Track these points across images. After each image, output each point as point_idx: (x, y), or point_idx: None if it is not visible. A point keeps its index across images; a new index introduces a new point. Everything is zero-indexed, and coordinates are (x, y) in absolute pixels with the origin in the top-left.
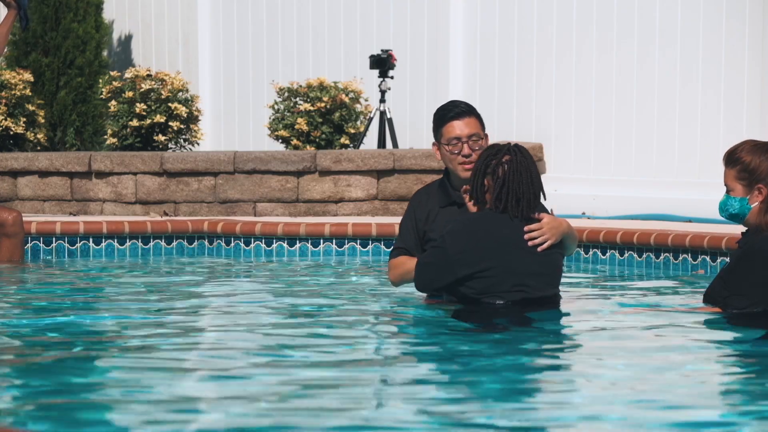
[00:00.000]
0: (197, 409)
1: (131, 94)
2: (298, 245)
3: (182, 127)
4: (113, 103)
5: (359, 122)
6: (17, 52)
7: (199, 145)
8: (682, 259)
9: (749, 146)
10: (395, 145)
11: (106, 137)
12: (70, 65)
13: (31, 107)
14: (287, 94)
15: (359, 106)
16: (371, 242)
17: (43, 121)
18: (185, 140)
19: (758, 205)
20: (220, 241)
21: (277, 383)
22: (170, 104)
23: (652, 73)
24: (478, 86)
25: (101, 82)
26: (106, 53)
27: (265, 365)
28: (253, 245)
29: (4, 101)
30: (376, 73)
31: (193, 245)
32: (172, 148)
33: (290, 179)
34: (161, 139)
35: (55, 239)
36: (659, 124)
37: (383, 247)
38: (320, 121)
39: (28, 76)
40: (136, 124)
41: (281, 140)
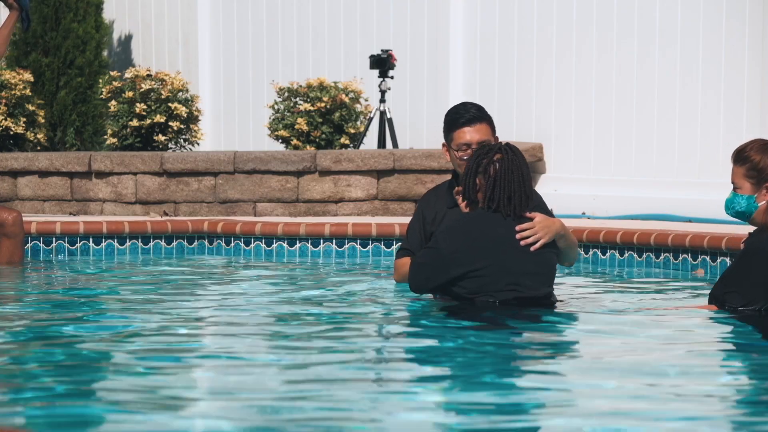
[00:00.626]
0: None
1: (131, 94)
2: (298, 245)
3: (182, 127)
4: (113, 103)
5: (359, 122)
6: (17, 52)
7: (199, 145)
8: (682, 259)
9: (758, 145)
10: (395, 145)
11: (106, 137)
12: (70, 65)
13: (31, 107)
14: (287, 94)
15: (359, 106)
16: (371, 242)
17: (43, 121)
18: (185, 140)
19: (765, 203)
20: (220, 241)
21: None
22: (170, 104)
23: (652, 73)
24: (478, 86)
25: (101, 82)
26: (106, 53)
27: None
28: (253, 245)
29: (4, 101)
30: (376, 73)
31: (193, 245)
32: (172, 148)
33: (290, 179)
34: (161, 139)
35: (55, 239)
36: (659, 124)
37: (383, 247)
38: (320, 121)
39: (28, 76)
40: (136, 124)
41: (281, 140)
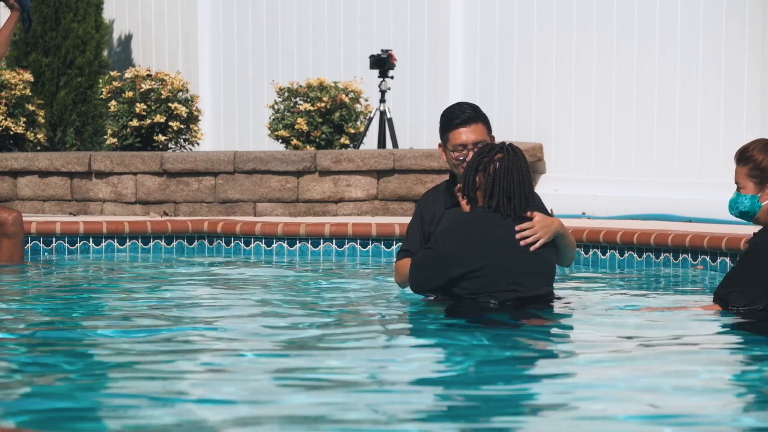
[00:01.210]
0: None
1: (131, 94)
2: (298, 245)
3: (182, 127)
4: (113, 103)
5: (359, 122)
6: (17, 52)
7: (199, 145)
8: (682, 259)
9: (762, 144)
10: (395, 145)
11: (106, 137)
12: (70, 65)
13: (31, 107)
14: (287, 94)
15: (359, 106)
16: (371, 242)
17: (43, 121)
18: (185, 140)
19: None
20: (220, 241)
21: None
22: (170, 104)
23: (652, 73)
24: (478, 86)
25: (101, 82)
26: (106, 53)
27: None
28: (253, 245)
29: (4, 101)
30: (376, 73)
31: (193, 245)
32: (172, 148)
33: (290, 179)
34: (161, 139)
35: (55, 239)
36: (659, 124)
37: (383, 247)
38: (320, 121)
39: (28, 76)
40: (136, 124)
41: (281, 140)
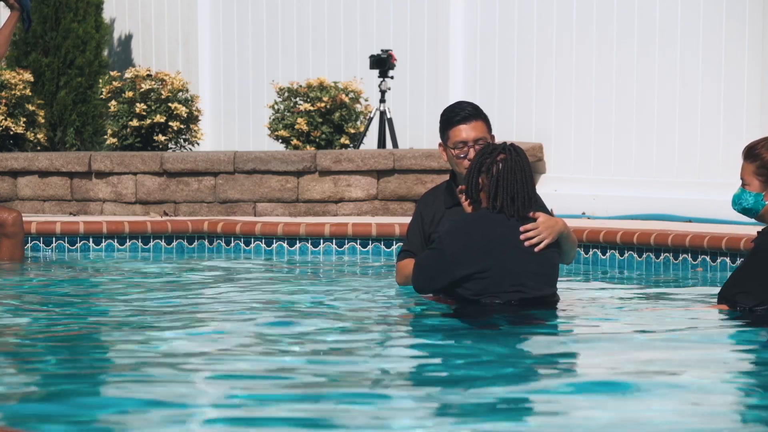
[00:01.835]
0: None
1: (131, 94)
2: (298, 245)
3: (182, 127)
4: (113, 103)
5: (359, 122)
6: (17, 52)
7: (199, 145)
8: (682, 259)
9: None
10: (395, 145)
11: (106, 137)
12: (70, 65)
13: (31, 107)
14: (287, 94)
15: (359, 106)
16: (371, 242)
17: (43, 121)
18: (185, 140)
19: None
20: (220, 241)
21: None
22: (170, 104)
23: (652, 72)
24: (478, 86)
25: (101, 82)
26: (106, 53)
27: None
28: (253, 245)
29: (4, 101)
30: (376, 73)
31: (193, 245)
32: (172, 148)
33: (290, 179)
34: (161, 139)
35: (55, 239)
36: (659, 124)
37: (383, 247)
38: (320, 121)
39: (28, 76)
40: (136, 124)
41: (281, 140)
